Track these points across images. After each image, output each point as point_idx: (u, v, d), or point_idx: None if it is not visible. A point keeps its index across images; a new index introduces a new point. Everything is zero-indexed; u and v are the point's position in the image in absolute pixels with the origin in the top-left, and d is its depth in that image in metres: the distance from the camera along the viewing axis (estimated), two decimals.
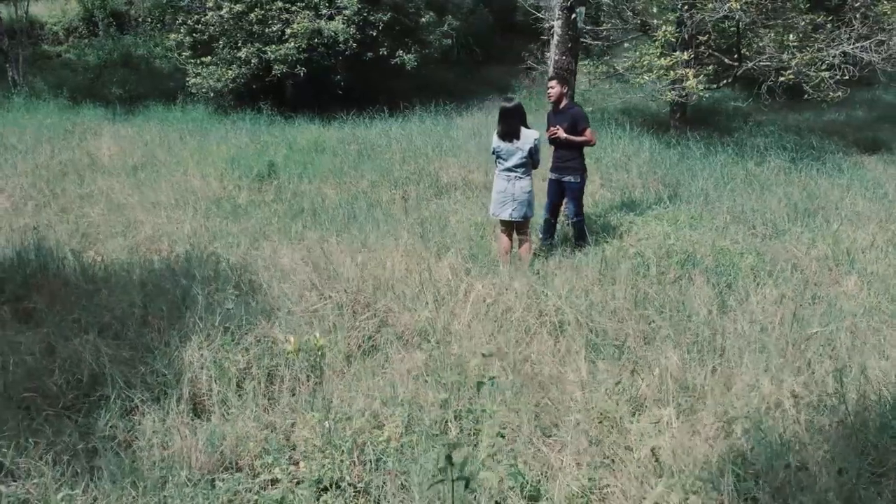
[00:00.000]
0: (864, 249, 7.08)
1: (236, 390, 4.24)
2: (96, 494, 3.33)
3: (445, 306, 5.27)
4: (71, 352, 4.55)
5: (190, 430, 3.85)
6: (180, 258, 6.17)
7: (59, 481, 3.38)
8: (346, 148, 11.80)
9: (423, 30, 16.25)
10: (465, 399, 4.06)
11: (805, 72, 10.47)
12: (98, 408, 4.12)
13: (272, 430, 3.89)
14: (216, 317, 4.84)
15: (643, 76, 11.75)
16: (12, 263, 5.81)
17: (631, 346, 4.74)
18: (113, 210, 8.03)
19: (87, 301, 5.37)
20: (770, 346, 4.61)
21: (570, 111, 6.98)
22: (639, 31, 13.75)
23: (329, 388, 4.25)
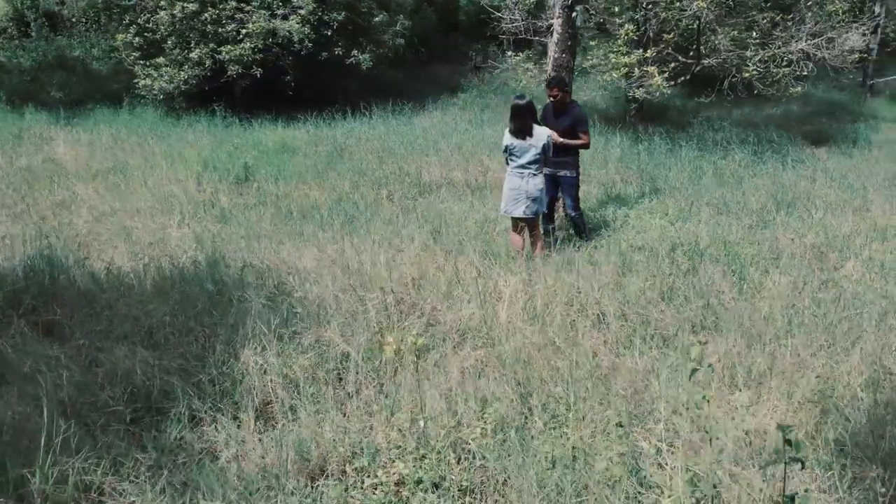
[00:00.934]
0: (847, 236, 7.41)
1: (307, 395, 4.14)
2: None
3: (487, 303, 5.26)
4: (115, 364, 4.35)
5: (271, 438, 3.75)
6: (200, 263, 5.95)
7: (157, 500, 3.24)
8: (315, 149, 11.64)
9: (376, 29, 16.14)
10: (542, 393, 4.07)
11: (766, 69, 10.87)
12: (160, 420, 3.97)
13: (348, 434, 3.81)
14: (263, 322, 4.70)
15: (611, 73, 11.97)
16: (22, 274, 5.50)
17: (679, 334, 4.84)
18: (98, 217, 7.70)
19: (109, 311, 5.15)
20: (813, 328, 4.80)
21: (573, 111, 7.08)
22: (595, 30, 14.00)
23: (400, 388, 4.19)
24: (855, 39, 11.26)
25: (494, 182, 9.72)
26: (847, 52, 11.44)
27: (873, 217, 8.04)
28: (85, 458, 3.39)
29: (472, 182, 9.75)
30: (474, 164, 10.55)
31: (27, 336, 4.81)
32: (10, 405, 3.84)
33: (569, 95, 7.19)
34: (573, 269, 6.04)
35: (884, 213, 8.15)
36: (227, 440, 3.78)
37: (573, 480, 3.32)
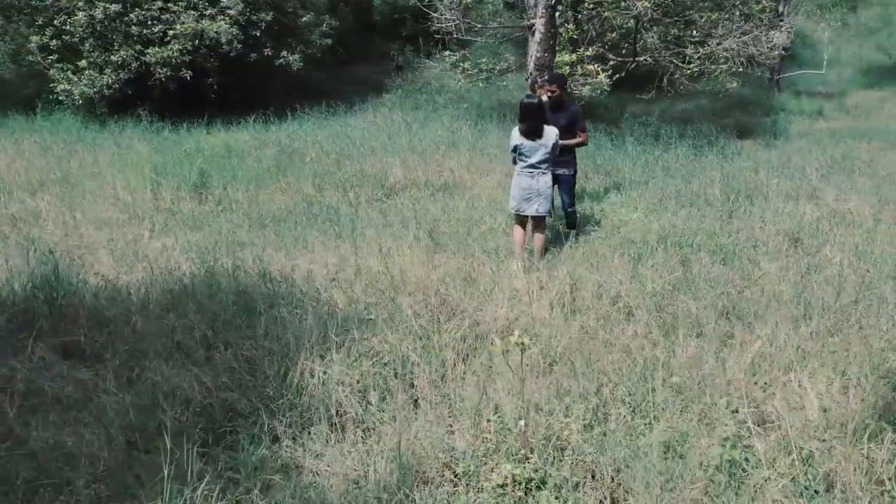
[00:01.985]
0: (812, 223, 7.85)
1: (378, 402, 4.04)
2: None
3: (521, 300, 5.28)
4: (162, 383, 4.11)
5: (364, 449, 3.65)
6: (206, 274, 5.68)
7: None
8: (262, 152, 11.32)
9: (303, 29, 15.85)
10: (616, 388, 4.12)
11: (703, 66, 11.38)
12: (231, 440, 3.79)
13: (442, 439, 3.75)
14: (308, 331, 4.55)
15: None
16: (23, 294, 5.11)
17: (712, 322, 5.00)
18: (67, 230, 7.23)
19: (128, 328, 4.86)
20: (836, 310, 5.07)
21: (570, 109, 7.20)
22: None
23: (475, 389, 4.15)
24: (779, 37, 11.92)
25: (459, 182, 9.78)
26: (771, 49, 12.09)
27: (828, 204, 8.54)
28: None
29: (437, 182, 9.73)
30: (432, 164, 10.53)
31: (49, 360, 4.48)
32: (78, 435, 3.57)
33: (564, 93, 7.30)
34: (588, 264, 6.16)
35: (836, 200, 8.68)
36: (315, 454, 3.66)
37: (685, 467, 3.39)
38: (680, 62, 11.68)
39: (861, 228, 7.64)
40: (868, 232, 7.52)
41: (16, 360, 4.40)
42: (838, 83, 23.28)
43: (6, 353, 4.46)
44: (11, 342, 4.61)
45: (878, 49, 25.63)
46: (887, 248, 6.84)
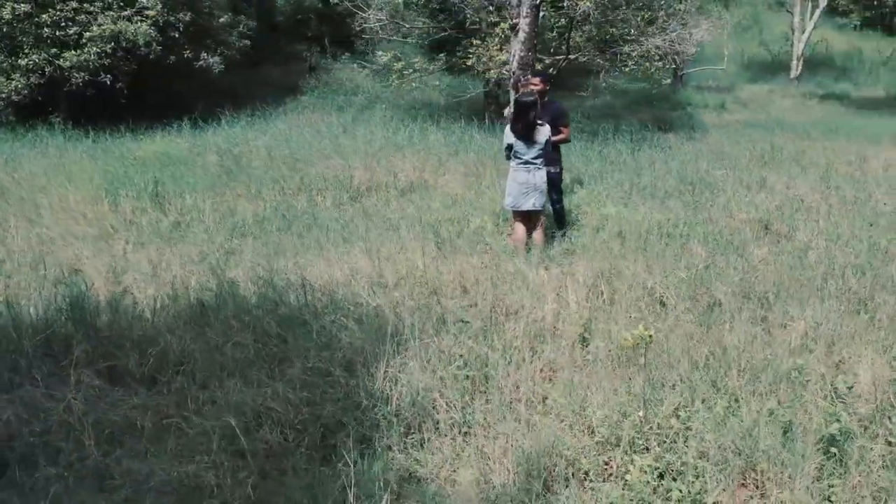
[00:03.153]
0: (774, 210, 8.32)
1: (473, 404, 4.00)
2: None
3: (559, 297, 5.34)
4: (247, 403, 3.91)
5: (470, 452, 3.62)
6: (243, 286, 5.41)
7: None
8: (204, 159, 10.86)
9: (220, 31, 15.30)
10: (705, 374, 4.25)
11: (638, 63, 11.84)
12: (331, 454, 3.66)
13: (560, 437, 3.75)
14: (383, 338, 4.44)
15: (490, 71, 12.34)
16: (46, 316, 4.71)
17: (744, 305, 5.23)
18: (43, 248, 6.71)
19: (175, 349, 4.57)
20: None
21: (552, 107, 7.30)
22: (457, 31, 14.31)
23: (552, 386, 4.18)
24: (701, 34, 12.56)
25: (422, 183, 9.74)
26: (693, 45, 12.72)
27: (780, 192, 9.07)
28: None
29: (400, 184, 9.64)
30: (386, 166, 10.43)
31: (101, 387, 4.15)
32: (198, 464, 3.34)
33: (548, 90, 7.40)
34: (602, 257, 6.29)
35: (786, 188, 9.24)
36: (427, 462, 3.59)
37: (804, 445, 3.54)
38: (615, 61, 12.09)
39: (819, 214, 8.16)
40: (826, 217, 8.03)
41: (67, 389, 4.06)
42: (726, 78, 24.68)
43: (54, 384, 4.11)
44: (53, 371, 4.25)
45: (761, 45, 27.35)
46: (855, 232, 7.32)
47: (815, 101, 20.74)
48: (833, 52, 28.02)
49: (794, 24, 21.75)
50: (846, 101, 20.91)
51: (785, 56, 25.42)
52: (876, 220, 7.48)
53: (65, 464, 3.49)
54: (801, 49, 22.00)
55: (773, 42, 27.51)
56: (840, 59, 27.81)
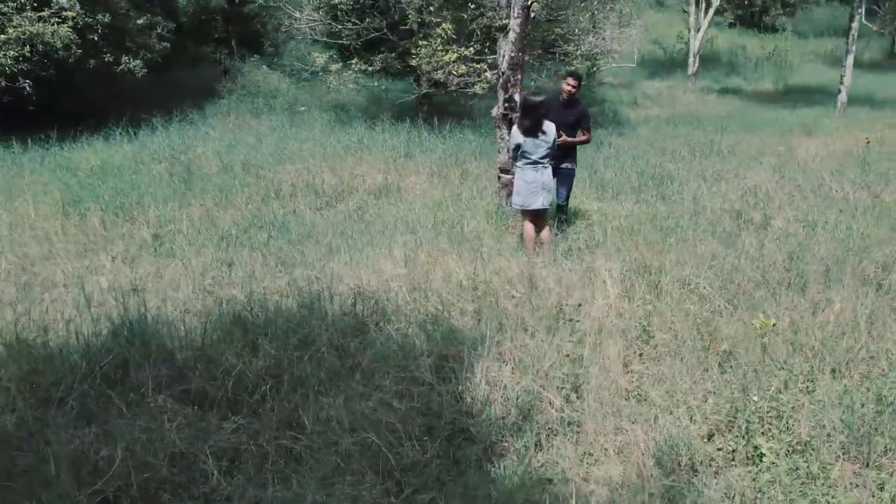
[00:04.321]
0: (739, 200, 8.77)
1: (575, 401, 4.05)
2: None
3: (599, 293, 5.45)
4: (359, 419, 3.80)
5: (590, 450, 3.70)
6: (280, 301, 5.20)
7: None
8: (152, 168, 10.33)
9: (137, 33, 14.57)
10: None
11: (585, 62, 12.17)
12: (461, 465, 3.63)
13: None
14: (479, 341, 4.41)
15: (437, 72, 12.35)
16: (109, 342, 4.38)
17: (777, 292, 5.51)
18: (28, 270, 6.21)
19: (251, 368, 4.36)
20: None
21: (578, 108, 7.42)
22: (391, 31, 14.21)
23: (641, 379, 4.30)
24: (634, 34, 13.05)
25: (393, 185, 9.64)
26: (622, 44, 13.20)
27: (737, 182, 9.56)
28: None
29: (371, 187, 9.52)
30: (346, 169, 10.28)
31: (192, 413, 3.92)
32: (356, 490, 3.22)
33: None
34: (617, 252, 6.45)
35: (739, 178, 9.74)
36: (550, 463, 3.63)
37: None
38: (556, 59, 12.36)
39: (782, 202, 8.65)
40: (791, 204, 8.52)
41: (155, 417, 3.81)
42: (625, 75, 25.65)
43: (140, 413, 3.84)
44: (131, 399, 3.96)
45: (654, 43, 28.59)
46: (827, 219, 7.80)
47: (714, 96, 21.90)
48: (718, 50, 29.71)
49: (691, 23, 22.91)
50: (741, 94, 22.19)
51: (678, 54, 26.75)
52: (845, 207, 8.00)
53: (198, 497, 3.28)
54: (698, 46, 23.19)
55: (661, 40, 28.91)
56: (725, 56, 29.51)
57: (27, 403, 3.86)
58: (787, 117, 16.10)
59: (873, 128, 14.24)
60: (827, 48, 32.40)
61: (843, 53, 33.77)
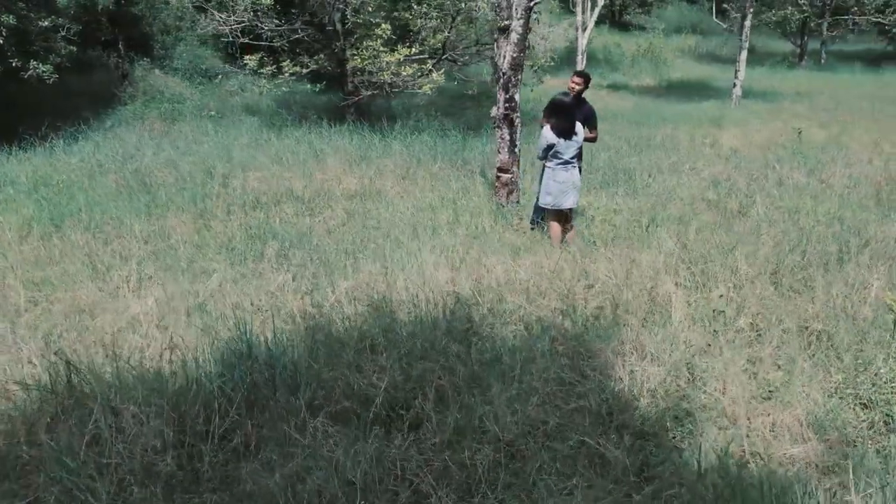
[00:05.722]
0: (708, 189, 9.30)
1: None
2: None
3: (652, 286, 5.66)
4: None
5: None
6: (353, 321, 5.03)
7: None
8: (100, 181, 9.61)
9: (38, 36, 13.48)
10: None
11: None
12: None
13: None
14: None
15: (384, 73, 12.24)
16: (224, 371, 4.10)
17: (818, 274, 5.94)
18: (48, 297, 5.68)
19: (394, 384, 4.24)
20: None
21: (585, 106, 7.52)
22: (318, 32, 13.92)
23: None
24: (561, 32, 13.47)
25: (372, 188, 9.49)
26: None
27: (694, 174, 10.11)
28: None
29: (350, 191, 9.32)
30: (311, 174, 10.02)
31: (353, 435, 3.76)
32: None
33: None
34: (640, 243, 6.71)
35: (701, 171, 10.30)
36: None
37: None
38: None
39: (749, 190, 9.23)
40: (759, 193, 9.11)
41: (331, 442, 3.64)
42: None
43: (305, 437, 3.65)
44: (296, 425, 3.76)
45: (542, 39, 29.36)
46: (800, 205, 8.42)
47: (606, 92, 22.85)
48: (595, 48, 30.99)
49: (578, 22, 23.79)
50: (631, 90, 23.29)
51: (564, 51, 27.68)
52: (813, 195, 8.66)
53: None
54: (584, 44, 24.11)
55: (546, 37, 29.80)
56: (601, 53, 30.84)
57: (183, 440, 3.58)
58: (692, 111, 17.08)
59: (780, 119, 15.40)
60: (688, 44, 34.56)
61: (704, 50, 36.56)
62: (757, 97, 19.00)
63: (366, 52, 12.13)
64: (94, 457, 3.44)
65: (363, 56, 12.29)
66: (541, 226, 7.54)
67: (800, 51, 29.65)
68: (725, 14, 36.00)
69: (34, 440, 3.64)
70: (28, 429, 3.69)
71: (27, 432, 3.68)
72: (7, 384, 4.09)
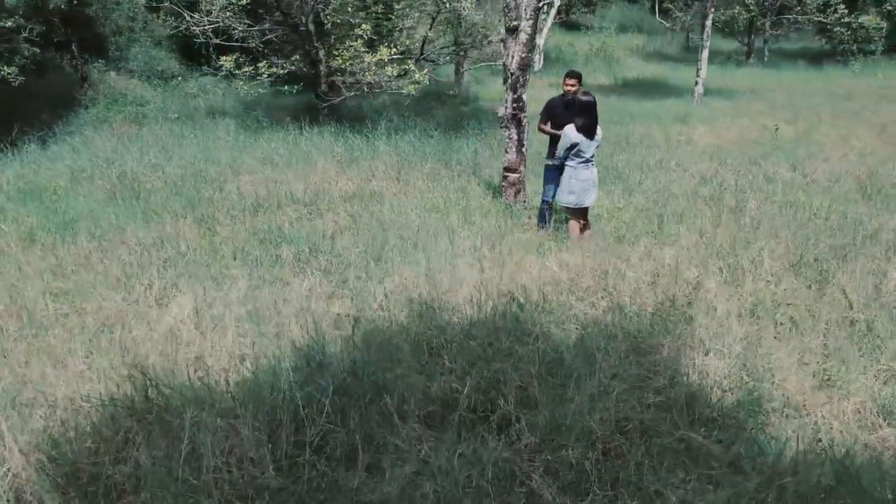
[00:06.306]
0: (701, 184, 9.51)
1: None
2: None
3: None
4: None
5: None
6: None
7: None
8: (88, 188, 9.32)
9: (7, 36, 13.02)
10: None
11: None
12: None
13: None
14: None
15: (367, 74, 12.16)
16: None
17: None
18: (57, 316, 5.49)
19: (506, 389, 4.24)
20: None
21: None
22: (291, 32, 13.76)
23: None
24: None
25: (365, 190, 9.42)
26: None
27: (687, 171, 10.33)
28: None
29: (350, 192, 9.24)
30: (304, 176, 9.90)
31: (450, 439, 3.75)
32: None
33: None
34: (664, 236, 6.84)
35: (687, 168, 10.53)
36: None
37: None
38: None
39: (740, 186, 9.48)
40: (749, 188, 9.35)
41: (426, 446, 3.62)
42: (478, 73, 26.33)
43: (407, 442, 3.63)
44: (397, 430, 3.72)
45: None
46: (790, 200, 8.67)
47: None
48: (548, 47, 31.33)
49: None
50: (588, 89, 23.54)
51: None
52: (802, 189, 8.94)
53: None
54: (542, 44, 24.41)
55: None
56: (554, 53, 31.18)
57: (276, 451, 3.51)
58: (656, 109, 17.41)
59: (745, 116, 15.81)
60: (636, 44, 35.24)
61: (651, 49, 37.30)
62: (715, 95, 19.47)
63: (347, 52, 12.00)
64: (193, 473, 3.35)
65: (344, 57, 12.16)
66: (545, 226, 7.62)
67: (747, 49, 30.48)
68: (668, 13, 36.88)
69: (122, 458, 3.52)
70: (115, 447, 3.56)
71: (114, 450, 3.55)
72: (74, 400, 3.94)
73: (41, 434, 3.62)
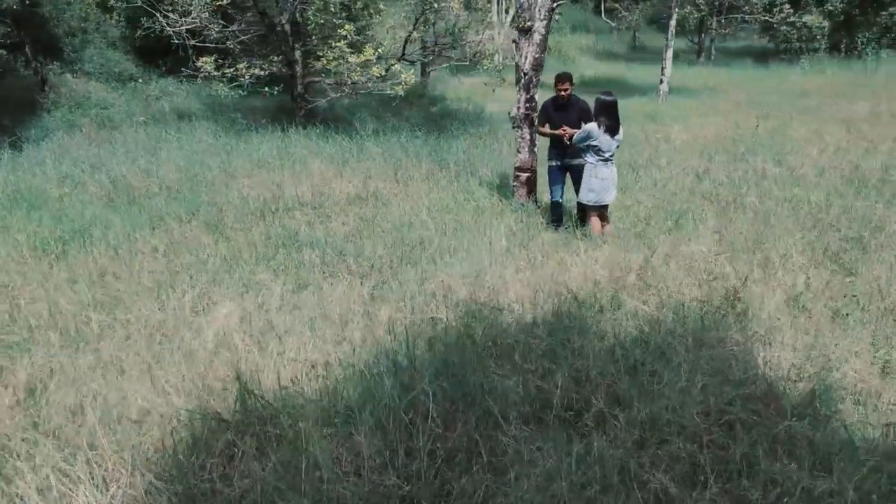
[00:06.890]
0: (694, 182, 9.74)
1: None
2: None
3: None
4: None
5: None
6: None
7: None
8: (81, 196, 9.02)
9: None
10: None
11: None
12: None
13: None
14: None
15: (353, 74, 12.07)
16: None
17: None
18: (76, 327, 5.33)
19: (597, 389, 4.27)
20: None
21: (578, 104, 7.66)
22: (268, 32, 13.57)
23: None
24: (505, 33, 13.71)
25: (370, 193, 9.37)
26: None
27: (678, 168, 10.55)
28: None
29: (349, 195, 9.17)
30: (302, 179, 9.79)
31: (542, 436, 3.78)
32: None
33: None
34: (679, 231, 7.00)
35: (677, 165, 10.75)
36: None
37: None
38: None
39: (734, 181, 9.72)
40: (745, 183, 9.59)
41: (534, 447, 3.64)
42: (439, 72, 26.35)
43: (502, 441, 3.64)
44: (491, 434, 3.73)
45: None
46: (786, 195, 8.93)
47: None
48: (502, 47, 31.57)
49: (495, 22, 24.22)
50: (550, 88, 23.80)
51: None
52: (795, 184, 9.23)
53: None
54: (499, 46, 24.53)
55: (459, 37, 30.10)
56: (508, 53, 31.42)
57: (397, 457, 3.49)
58: (623, 108, 17.63)
59: (713, 113, 16.22)
60: (586, 43, 35.80)
61: (602, 48, 37.93)
62: (676, 93, 19.91)
63: (331, 52, 11.89)
64: (315, 484, 3.30)
65: (329, 57, 12.05)
66: (562, 225, 7.71)
67: (698, 48, 31.24)
68: (613, 13, 37.55)
69: (228, 473, 3.44)
70: (222, 462, 3.48)
71: (220, 466, 3.47)
72: (165, 415, 3.83)
73: (144, 451, 3.51)
